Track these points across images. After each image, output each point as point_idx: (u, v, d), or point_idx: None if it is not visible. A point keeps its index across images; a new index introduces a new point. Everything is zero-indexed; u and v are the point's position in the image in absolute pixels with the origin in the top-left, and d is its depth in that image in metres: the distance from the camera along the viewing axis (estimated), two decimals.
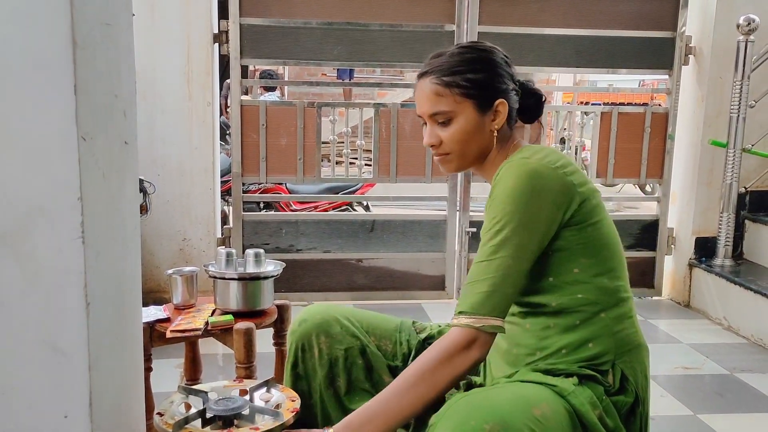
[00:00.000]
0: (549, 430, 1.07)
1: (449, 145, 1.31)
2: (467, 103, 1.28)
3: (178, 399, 1.25)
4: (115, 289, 1.12)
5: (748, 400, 2.52)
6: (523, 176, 1.19)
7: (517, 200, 1.18)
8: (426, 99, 1.31)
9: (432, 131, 1.32)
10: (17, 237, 0.92)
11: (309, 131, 3.45)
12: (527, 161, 1.21)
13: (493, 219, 1.20)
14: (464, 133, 1.29)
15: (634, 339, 1.27)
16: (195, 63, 3.24)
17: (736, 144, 3.39)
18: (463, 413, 1.03)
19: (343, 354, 1.37)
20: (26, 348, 0.95)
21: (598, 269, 1.24)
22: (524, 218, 1.18)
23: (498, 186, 1.22)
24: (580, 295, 1.23)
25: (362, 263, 3.58)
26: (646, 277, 3.80)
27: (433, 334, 1.46)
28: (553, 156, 1.24)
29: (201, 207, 3.35)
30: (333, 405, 1.37)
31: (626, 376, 1.23)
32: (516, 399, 1.09)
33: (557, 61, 3.58)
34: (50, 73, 0.90)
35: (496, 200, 1.21)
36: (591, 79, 10.50)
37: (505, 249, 1.18)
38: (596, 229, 1.24)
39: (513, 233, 1.17)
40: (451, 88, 1.28)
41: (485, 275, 1.18)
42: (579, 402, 1.15)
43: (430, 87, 1.30)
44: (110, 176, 1.07)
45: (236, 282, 1.73)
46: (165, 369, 2.49)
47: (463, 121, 1.29)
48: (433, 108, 1.30)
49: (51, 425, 0.97)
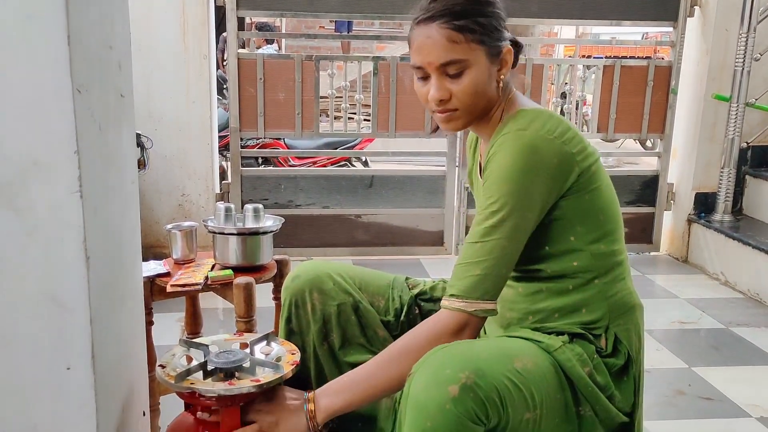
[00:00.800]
0: (530, 383, 1.08)
1: (461, 100, 1.19)
2: (480, 50, 1.17)
3: (180, 352, 1.26)
4: (114, 243, 1.12)
5: (743, 353, 2.55)
6: (519, 152, 1.13)
7: (514, 179, 1.13)
8: (435, 46, 1.17)
9: (441, 84, 1.19)
10: (14, 190, 0.92)
11: (307, 85, 3.41)
12: (524, 134, 1.14)
13: (489, 198, 1.15)
14: (477, 84, 1.18)
15: (628, 301, 1.27)
16: (190, 14, 3.18)
17: (739, 98, 3.36)
18: (439, 362, 1.04)
19: (336, 310, 1.36)
20: (27, 301, 0.95)
21: (595, 235, 1.22)
22: (521, 197, 1.13)
23: (493, 161, 1.16)
24: (575, 263, 1.22)
25: (361, 219, 3.58)
26: (645, 232, 3.81)
27: (425, 290, 1.46)
28: (550, 123, 1.17)
29: (199, 162, 3.33)
30: (327, 359, 1.38)
31: (620, 339, 1.23)
32: (497, 350, 1.10)
33: (561, 13, 3.52)
34: (42, 23, 0.88)
35: (492, 178, 1.16)
36: (594, 31, 10.35)
37: (501, 230, 1.14)
38: (594, 195, 1.21)
39: (509, 214, 1.13)
40: (465, 33, 1.15)
41: (479, 257, 1.14)
42: (565, 357, 1.15)
43: (441, 32, 1.16)
44: (107, 129, 1.06)
45: (235, 237, 1.73)
46: (166, 323, 2.51)
47: (477, 71, 1.18)
48: (445, 56, 1.16)
49: (54, 377, 0.98)
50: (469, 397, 1.00)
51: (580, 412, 1.16)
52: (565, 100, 3.91)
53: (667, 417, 2.06)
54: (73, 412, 1.00)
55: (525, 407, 1.07)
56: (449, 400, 0.99)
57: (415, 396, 1.02)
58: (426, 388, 1.01)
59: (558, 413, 1.13)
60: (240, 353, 1.20)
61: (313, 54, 3.44)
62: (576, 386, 1.15)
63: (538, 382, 1.09)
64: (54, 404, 0.99)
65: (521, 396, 1.06)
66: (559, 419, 1.13)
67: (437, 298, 1.45)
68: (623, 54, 7.95)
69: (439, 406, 0.99)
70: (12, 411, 0.98)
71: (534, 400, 1.08)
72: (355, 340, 1.38)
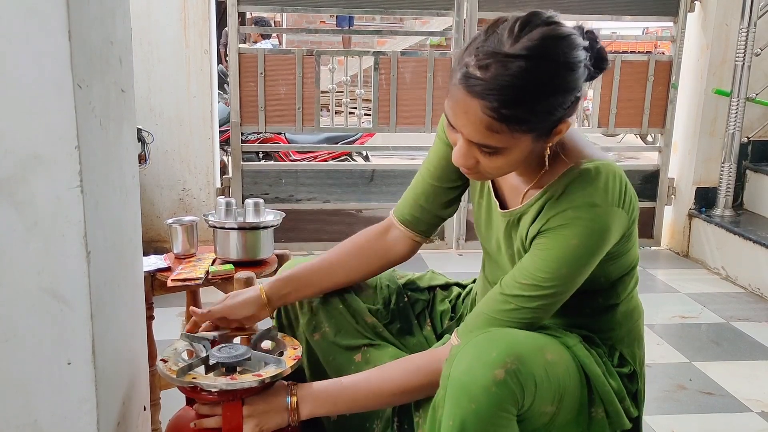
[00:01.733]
0: (558, 376, 1.07)
1: (489, 173, 1.09)
2: (526, 137, 1.02)
3: (182, 346, 1.26)
4: (115, 238, 1.12)
5: (744, 348, 2.55)
6: (590, 235, 1.06)
7: (575, 262, 1.08)
8: (471, 125, 1.00)
9: (469, 152, 1.05)
10: (15, 185, 0.92)
11: (308, 80, 3.40)
12: (597, 212, 1.05)
13: (542, 272, 1.08)
14: (512, 164, 1.06)
15: (633, 313, 1.25)
16: (191, 9, 3.18)
17: (740, 93, 3.35)
18: (483, 345, 1.02)
19: (323, 301, 1.36)
20: (27, 296, 0.95)
21: (623, 270, 1.21)
22: (575, 277, 1.09)
23: (558, 234, 1.07)
24: (600, 300, 1.21)
25: (362, 213, 3.58)
26: (646, 227, 3.81)
27: (413, 279, 1.47)
28: (616, 184, 1.07)
29: (200, 157, 3.33)
30: (321, 348, 1.36)
31: (624, 357, 1.23)
32: (530, 339, 1.08)
33: (561, 8, 3.49)
34: (43, 18, 0.88)
35: (553, 253, 1.08)
36: (593, 26, 10.33)
37: (540, 308, 1.10)
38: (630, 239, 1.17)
39: (556, 292, 1.10)
40: (510, 125, 0.98)
41: (510, 318, 1.11)
42: (584, 354, 1.14)
43: (481, 117, 0.98)
44: (107, 124, 1.06)
45: (236, 232, 1.73)
46: (167, 317, 2.51)
47: (515, 153, 1.04)
48: (480, 139, 1.01)
49: (54, 372, 0.98)
50: (513, 382, 0.99)
51: (591, 413, 1.15)
52: None
53: (667, 412, 2.06)
54: (73, 407, 1.00)
55: (550, 400, 1.06)
56: (494, 383, 0.98)
57: (459, 378, 1.00)
58: (470, 369, 1.00)
59: (573, 411, 1.12)
60: (242, 348, 1.21)
61: (314, 49, 3.44)
62: (593, 385, 1.14)
63: (563, 377, 1.08)
64: (54, 399, 0.99)
65: (550, 388, 1.05)
66: (571, 417, 1.12)
67: (424, 287, 1.46)
68: (623, 49, 7.94)
69: (483, 388, 0.98)
70: (12, 406, 0.98)
71: (558, 394, 1.07)
72: (348, 326, 1.37)
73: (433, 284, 1.48)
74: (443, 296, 1.46)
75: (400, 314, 1.42)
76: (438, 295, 1.46)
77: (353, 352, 1.35)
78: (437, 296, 1.46)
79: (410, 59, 3.48)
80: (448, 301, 1.45)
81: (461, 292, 1.46)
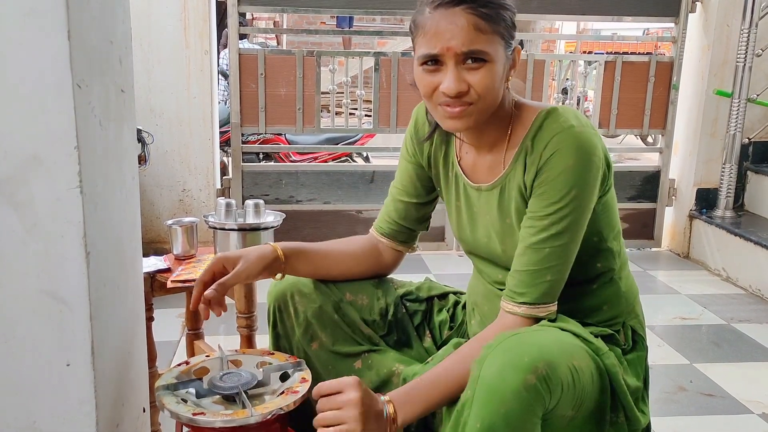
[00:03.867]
0: (583, 383, 1.07)
1: (479, 93, 1.12)
2: (500, 44, 1.12)
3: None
4: (114, 239, 1.11)
5: (744, 349, 2.55)
6: (580, 150, 1.11)
7: (579, 179, 1.11)
8: (461, 32, 1.08)
9: (459, 74, 1.10)
10: (14, 186, 0.91)
11: (308, 81, 3.40)
12: (577, 131, 1.12)
13: (554, 201, 1.13)
14: (495, 80, 1.12)
15: (633, 289, 1.30)
16: (191, 10, 3.17)
17: (741, 94, 3.35)
18: (515, 348, 1.01)
19: (317, 311, 1.35)
20: (27, 297, 0.95)
21: (612, 234, 1.23)
22: (585, 198, 1.13)
23: (553, 162, 1.12)
24: (599, 264, 1.23)
25: (362, 214, 3.58)
26: (646, 228, 3.80)
27: (411, 290, 1.45)
28: (583, 118, 1.16)
29: (200, 157, 3.33)
30: (318, 358, 1.35)
31: (636, 331, 1.25)
32: (559, 344, 1.08)
33: (562, 9, 3.51)
34: (43, 18, 0.88)
35: (555, 179, 1.12)
36: (594, 27, 10.32)
37: (568, 234, 1.13)
38: (610, 193, 1.21)
39: (576, 216, 1.13)
40: (491, 23, 1.09)
41: (549, 262, 1.14)
42: (611, 363, 1.13)
43: (468, 18, 1.08)
44: (107, 125, 1.06)
45: (236, 233, 1.72)
46: (167, 318, 2.51)
47: (496, 66, 1.11)
48: (470, 44, 1.08)
49: (54, 373, 0.98)
50: (543, 387, 0.99)
51: (612, 419, 1.15)
52: (566, 96, 3.90)
53: (668, 413, 2.05)
54: (72, 408, 0.99)
55: (571, 405, 1.06)
56: (526, 388, 0.97)
57: (489, 380, 0.99)
58: (501, 372, 0.99)
59: (591, 416, 1.12)
60: (246, 375, 1.18)
61: (315, 49, 3.44)
62: (617, 394, 1.14)
63: (586, 385, 1.08)
64: (54, 400, 0.99)
65: (574, 394, 1.05)
66: (588, 420, 1.12)
67: (423, 298, 1.45)
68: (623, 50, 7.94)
69: (515, 393, 0.97)
70: (11, 407, 0.98)
71: (579, 400, 1.07)
72: (345, 335, 1.36)
73: (432, 294, 1.46)
74: (440, 306, 1.45)
75: (398, 326, 1.41)
76: (435, 305, 1.46)
77: (353, 359, 1.35)
78: (434, 306, 1.45)
79: (411, 60, 3.46)
80: (446, 310, 1.44)
81: (458, 300, 1.46)
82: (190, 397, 1.16)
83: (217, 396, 1.17)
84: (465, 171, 1.29)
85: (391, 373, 1.33)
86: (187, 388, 1.18)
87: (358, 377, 1.10)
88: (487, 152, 1.25)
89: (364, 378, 1.33)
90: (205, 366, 1.26)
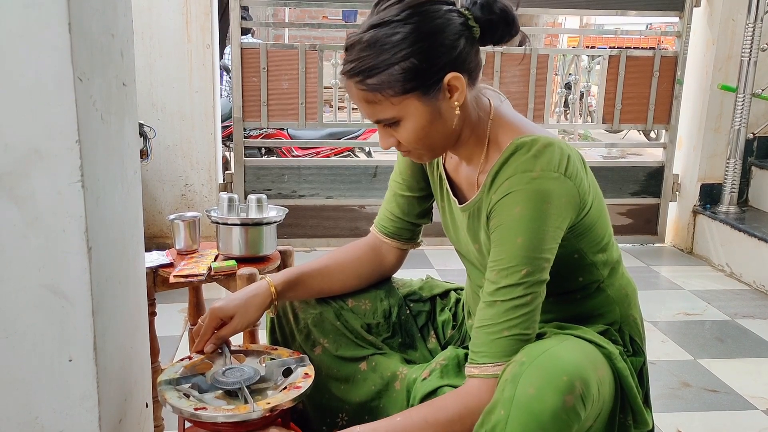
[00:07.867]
0: (603, 394, 1.05)
1: (410, 145, 1.11)
2: (409, 99, 1.05)
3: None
4: (116, 233, 1.10)
5: (748, 345, 2.54)
6: (530, 200, 1.04)
7: (527, 230, 1.04)
8: (360, 106, 1.09)
9: (384, 133, 1.12)
10: (15, 180, 0.91)
11: (311, 75, 3.39)
12: (531, 177, 1.04)
13: (501, 253, 1.06)
14: (419, 130, 1.08)
15: (628, 294, 1.24)
16: (193, 4, 3.16)
17: (745, 89, 3.33)
18: (552, 368, 0.98)
19: (319, 318, 1.34)
20: (28, 292, 0.94)
21: (595, 248, 1.17)
22: (536, 248, 1.05)
23: (502, 209, 1.06)
24: (580, 278, 1.19)
25: (365, 209, 3.57)
26: (650, 223, 3.79)
27: (414, 290, 1.44)
28: (552, 154, 1.05)
29: (202, 152, 3.32)
30: (324, 363, 1.34)
31: (633, 338, 1.22)
32: (586, 357, 1.05)
33: (565, 3, 3.49)
34: (43, 11, 0.87)
35: (503, 230, 1.06)
36: (597, 22, 10.29)
37: (522, 286, 1.05)
38: (590, 212, 1.13)
39: (529, 269, 1.05)
40: (382, 92, 1.05)
41: (503, 318, 1.05)
42: (623, 366, 1.12)
43: (358, 93, 1.07)
44: (109, 119, 1.05)
45: (239, 228, 1.72)
46: (169, 313, 2.51)
47: (413, 119, 1.07)
48: (373, 116, 1.09)
49: (55, 369, 0.97)
50: (579, 407, 0.97)
51: (620, 420, 1.14)
52: (569, 91, 3.89)
53: (672, 409, 2.05)
54: (75, 403, 0.99)
55: (594, 416, 1.05)
56: (564, 410, 0.95)
57: (527, 402, 0.95)
58: (540, 394, 0.95)
59: (605, 421, 1.11)
60: (248, 370, 1.18)
61: (317, 44, 3.43)
62: (627, 397, 1.13)
63: (607, 395, 1.07)
64: (56, 396, 0.98)
65: (599, 406, 1.04)
66: (602, 426, 1.11)
67: (426, 297, 1.44)
68: (627, 45, 7.91)
69: (554, 415, 0.95)
70: (13, 403, 0.98)
71: (599, 409, 1.06)
72: (347, 341, 1.35)
73: (435, 293, 1.45)
74: (442, 305, 1.45)
75: (402, 328, 1.40)
76: (438, 304, 1.45)
77: (358, 362, 1.34)
78: (437, 305, 1.44)
79: None
80: (448, 309, 1.43)
81: (459, 297, 1.45)
82: (192, 392, 1.15)
83: (220, 391, 1.16)
84: (448, 172, 1.27)
85: (395, 376, 1.32)
86: (190, 383, 1.17)
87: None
88: (467, 163, 1.21)
89: (368, 380, 1.33)
90: (208, 361, 1.25)
